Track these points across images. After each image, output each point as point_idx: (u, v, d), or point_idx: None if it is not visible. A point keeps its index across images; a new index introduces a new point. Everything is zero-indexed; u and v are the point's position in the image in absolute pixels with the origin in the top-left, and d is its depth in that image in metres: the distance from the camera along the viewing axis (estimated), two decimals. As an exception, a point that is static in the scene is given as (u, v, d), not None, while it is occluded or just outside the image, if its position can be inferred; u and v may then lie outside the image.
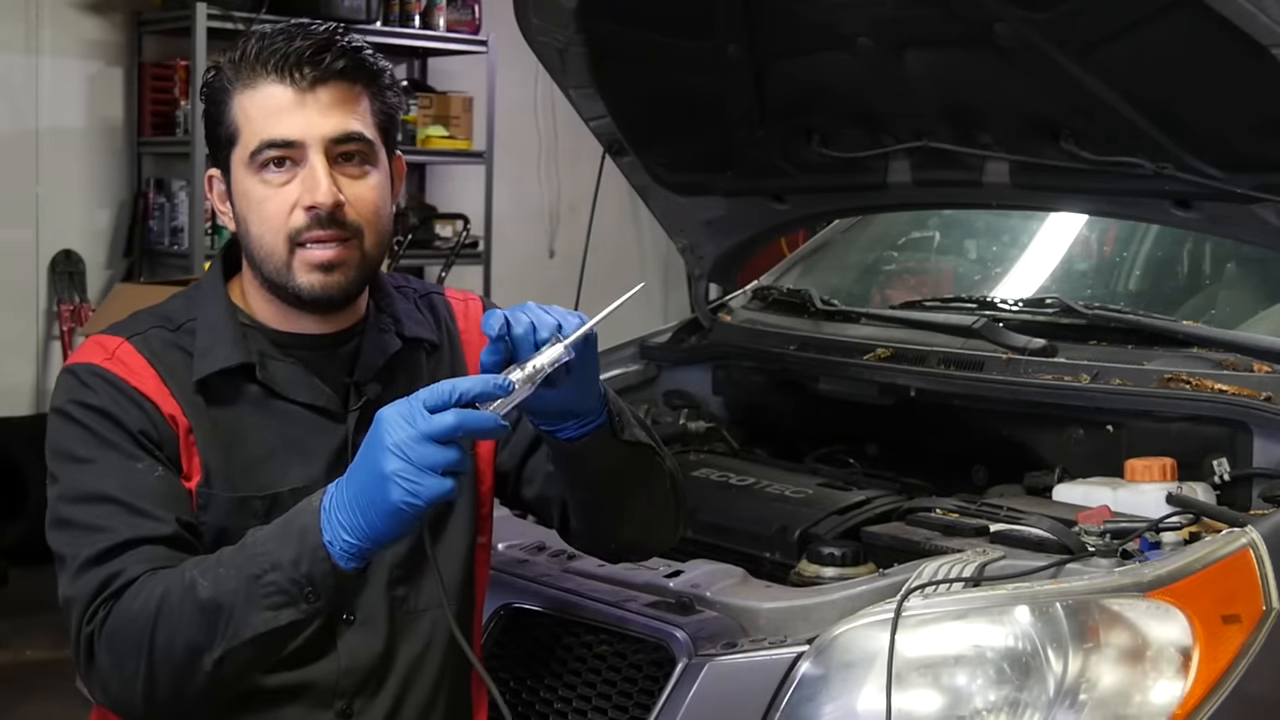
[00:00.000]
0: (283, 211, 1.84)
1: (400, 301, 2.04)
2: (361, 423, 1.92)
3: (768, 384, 3.11)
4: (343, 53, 1.84)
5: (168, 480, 1.82)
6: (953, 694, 1.95)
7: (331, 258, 1.85)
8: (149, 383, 1.85)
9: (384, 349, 1.97)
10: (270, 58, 1.82)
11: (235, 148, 1.86)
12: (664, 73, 2.89)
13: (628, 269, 7.72)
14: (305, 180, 1.83)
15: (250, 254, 1.89)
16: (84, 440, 1.82)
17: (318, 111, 1.83)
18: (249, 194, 1.86)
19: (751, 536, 2.51)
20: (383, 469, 1.63)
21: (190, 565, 1.73)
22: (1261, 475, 2.39)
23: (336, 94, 1.84)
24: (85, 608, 1.75)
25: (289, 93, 1.82)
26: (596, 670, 2.19)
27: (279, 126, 1.82)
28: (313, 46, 1.82)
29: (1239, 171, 2.40)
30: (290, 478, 1.89)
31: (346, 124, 1.84)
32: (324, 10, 6.17)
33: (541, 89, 6.97)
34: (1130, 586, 1.98)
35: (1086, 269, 3.44)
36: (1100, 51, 2.36)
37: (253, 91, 1.84)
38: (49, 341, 6.20)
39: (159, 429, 1.84)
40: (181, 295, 2.01)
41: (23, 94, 6.11)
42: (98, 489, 1.80)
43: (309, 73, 1.82)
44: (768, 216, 3.18)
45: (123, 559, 1.75)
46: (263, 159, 1.83)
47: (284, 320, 1.93)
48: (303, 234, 1.84)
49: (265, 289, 1.91)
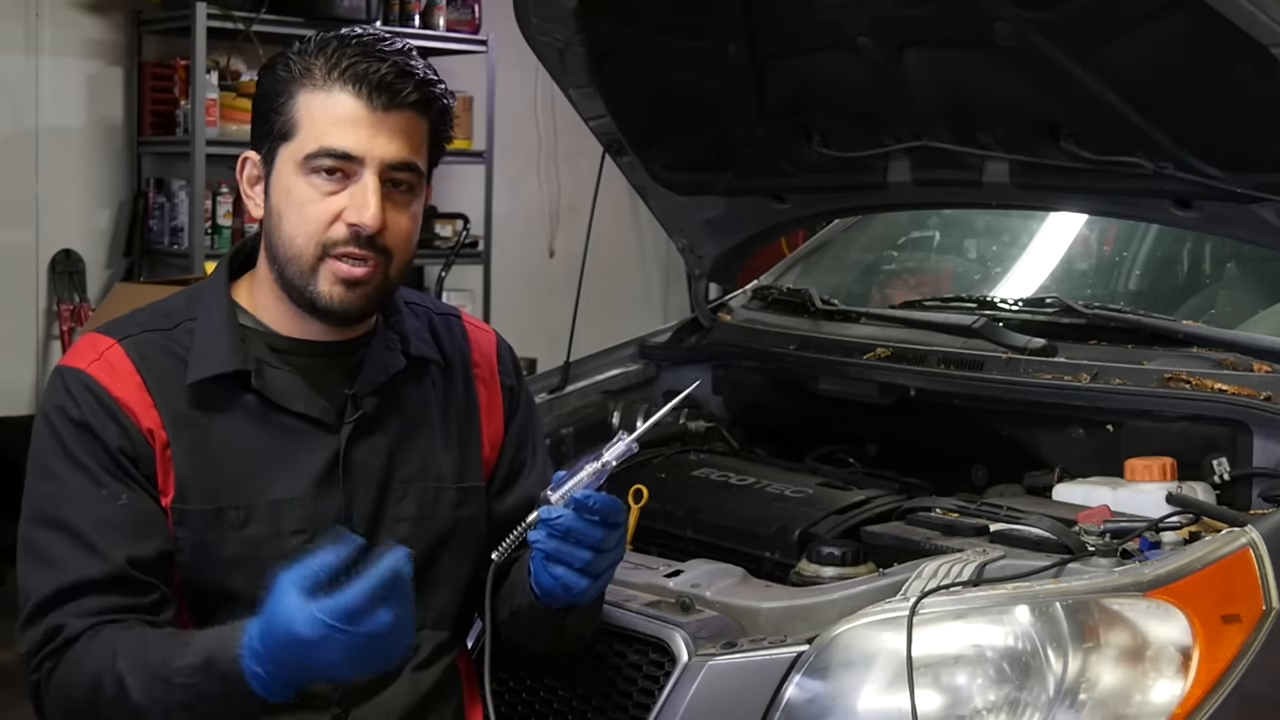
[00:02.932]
0: (323, 219, 1.84)
1: (410, 319, 2.03)
2: (355, 436, 1.92)
3: (768, 383, 3.11)
4: (419, 85, 1.86)
5: (131, 508, 1.83)
6: (952, 693, 1.95)
7: (359, 275, 1.86)
8: (132, 392, 1.85)
9: (387, 366, 1.97)
10: (349, 70, 1.83)
11: (288, 143, 1.86)
12: (664, 72, 2.89)
13: (628, 269, 7.71)
14: (355, 197, 1.84)
15: (274, 249, 1.89)
16: (57, 454, 1.84)
17: (383, 134, 1.84)
18: (292, 191, 1.86)
19: (751, 536, 2.51)
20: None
21: (121, 651, 1.74)
22: (1261, 475, 2.39)
23: (403, 122, 1.85)
24: (33, 656, 1.80)
25: (361, 108, 1.83)
26: (596, 670, 2.19)
27: (343, 138, 1.83)
28: (394, 72, 1.83)
29: (1239, 171, 2.40)
30: (274, 489, 1.89)
31: (405, 153, 1.86)
32: (323, 10, 6.16)
33: (541, 89, 6.96)
34: (1130, 586, 1.98)
35: (1086, 269, 3.44)
36: (1100, 51, 2.36)
37: (324, 95, 1.84)
38: (49, 341, 6.20)
39: (135, 446, 1.84)
40: (183, 293, 2.00)
41: (22, 94, 6.10)
42: (58, 514, 1.82)
43: (384, 97, 1.83)
44: (768, 216, 3.18)
45: (65, 610, 1.79)
46: (317, 164, 1.84)
47: (289, 324, 1.93)
48: (338, 247, 1.85)
49: (278, 287, 1.91)
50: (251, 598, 1.84)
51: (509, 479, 2.11)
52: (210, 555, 1.85)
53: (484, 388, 2.10)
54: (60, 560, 1.80)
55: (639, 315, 7.03)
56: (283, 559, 1.86)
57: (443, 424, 2.03)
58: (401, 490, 1.96)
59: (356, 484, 1.92)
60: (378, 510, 1.94)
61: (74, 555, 1.80)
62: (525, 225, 7.53)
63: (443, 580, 1.99)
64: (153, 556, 1.83)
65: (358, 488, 1.92)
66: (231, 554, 1.86)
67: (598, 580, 1.86)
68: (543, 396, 3.09)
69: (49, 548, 1.82)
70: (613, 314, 5.74)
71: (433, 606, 1.98)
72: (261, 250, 1.94)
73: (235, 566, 1.86)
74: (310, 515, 1.89)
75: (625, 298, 7.37)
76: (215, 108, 6.13)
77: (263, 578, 1.85)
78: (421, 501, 1.97)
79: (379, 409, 1.95)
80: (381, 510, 1.94)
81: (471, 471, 2.04)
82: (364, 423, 1.93)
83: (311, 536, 1.88)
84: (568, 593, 1.85)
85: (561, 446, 3.03)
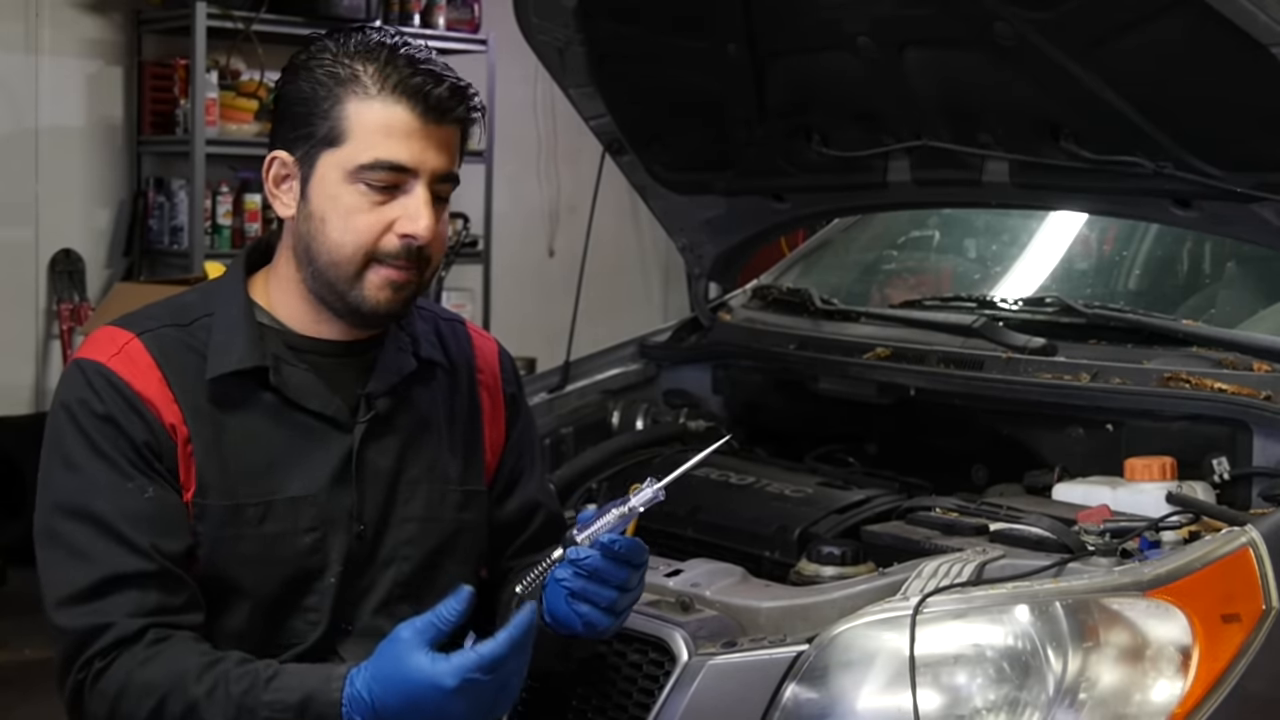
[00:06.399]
0: (375, 229, 1.86)
1: (418, 322, 2.06)
2: (367, 436, 1.93)
3: (767, 383, 3.11)
4: (467, 102, 1.91)
5: (157, 502, 1.83)
6: (952, 693, 1.95)
7: (405, 279, 1.89)
8: (153, 386, 1.86)
9: (400, 367, 1.99)
10: (403, 84, 1.85)
11: (335, 149, 1.86)
12: (664, 72, 2.89)
13: (628, 268, 7.71)
14: (408, 208, 1.86)
15: (314, 254, 1.89)
16: (81, 446, 1.84)
17: (434, 147, 1.87)
18: (339, 199, 1.87)
19: (751, 535, 2.51)
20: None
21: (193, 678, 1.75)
22: (1261, 474, 2.39)
23: (449, 135, 1.90)
24: (76, 651, 1.79)
25: (415, 121, 1.86)
26: (596, 669, 2.19)
27: (399, 151, 1.85)
28: (448, 90, 1.87)
29: (1239, 170, 2.40)
30: (290, 486, 1.90)
31: (451, 165, 1.91)
32: (323, 9, 6.16)
33: (541, 88, 6.96)
34: (1130, 586, 1.98)
35: (1086, 268, 3.44)
36: (1100, 51, 2.36)
37: (379, 107, 1.85)
38: (49, 341, 6.20)
39: (159, 440, 1.85)
40: (197, 289, 2.02)
41: (22, 93, 6.10)
42: (85, 504, 1.82)
43: (437, 114, 1.87)
44: (767, 216, 3.18)
45: (108, 606, 1.78)
46: (372, 177, 1.85)
47: (308, 323, 1.94)
48: (388, 257, 1.87)
49: (306, 288, 1.92)
50: (257, 594, 1.87)
51: (509, 486, 2.13)
52: (227, 551, 1.86)
53: (487, 394, 2.11)
54: (92, 553, 1.80)
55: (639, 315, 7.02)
56: (296, 556, 1.88)
57: (448, 427, 2.04)
58: (409, 490, 1.97)
59: (367, 483, 1.94)
60: (386, 510, 1.96)
61: (107, 548, 1.79)
62: (525, 225, 7.53)
63: (445, 582, 1.99)
64: (180, 551, 1.83)
65: (368, 487, 1.94)
66: (247, 550, 1.87)
67: (619, 618, 1.90)
68: (543, 396, 3.09)
69: (78, 540, 1.81)
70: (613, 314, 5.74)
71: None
72: (284, 249, 1.95)
73: (249, 563, 1.87)
74: (323, 513, 1.90)
75: (625, 298, 7.37)
76: (215, 107, 6.14)
77: (271, 574, 1.87)
78: (428, 502, 1.99)
79: (390, 409, 1.96)
80: (390, 510, 1.96)
81: (475, 476, 2.06)
82: (376, 422, 1.95)
83: (324, 534, 1.90)
84: (590, 630, 1.89)
85: (561, 446, 3.03)
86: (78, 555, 1.80)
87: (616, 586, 1.86)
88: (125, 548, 1.79)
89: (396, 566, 1.95)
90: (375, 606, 1.94)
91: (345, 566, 1.91)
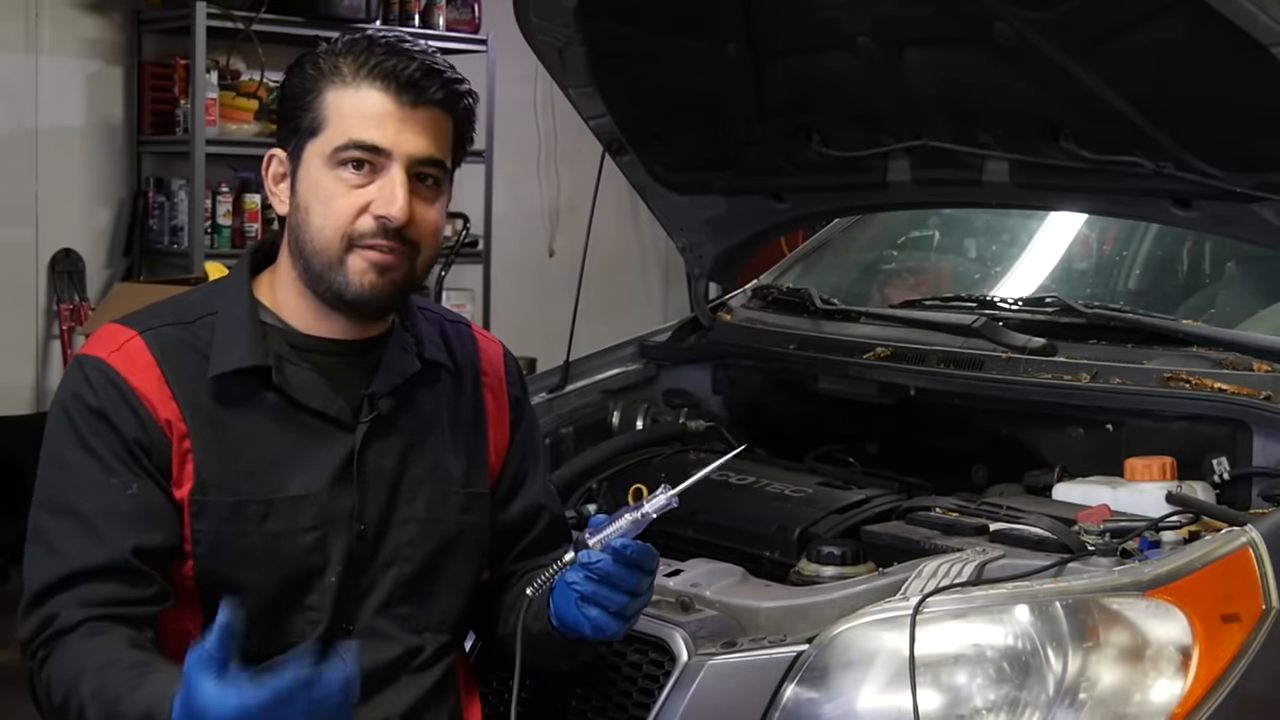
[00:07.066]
0: (350, 211, 1.87)
1: (423, 324, 2.06)
2: (369, 436, 1.93)
3: (767, 383, 3.11)
4: (444, 84, 1.90)
5: (140, 498, 1.84)
6: (952, 693, 1.95)
7: (388, 261, 1.88)
8: (150, 383, 1.86)
9: (404, 368, 1.99)
10: (376, 67, 1.87)
11: (316, 139, 1.88)
12: (663, 72, 2.89)
13: (628, 268, 7.71)
14: (383, 189, 1.87)
15: (301, 243, 1.90)
16: (70, 443, 1.85)
17: (410, 130, 1.87)
18: (320, 185, 1.88)
19: (751, 535, 2.51)
20: None
21: (88, 676, 1.72)
22: (1261, 474, 2.39)
23: (429, 119, 1.89)
24: (28, 644, 1.82)
25: (388, 104, 1.87)
26: (595, 669, 2.19)
27: (371, 131, 1.86)
28: (420, 70, 1.88)
29: (1239, 170, 2.39)
30: (291, 485, 1.90)
31: (431, 149, 1.90)
32: (323, 9, 6.16)
33: (541, 88, 6.96)
34: (1130, 585, 1.98)
35: (1086, 268, 3.45)
36: (1100, 51, 2.36)
37: (352, 92, 1.87)
38: (48, 340, 6.20)
39: (151, 436, 1.85)
40: (202, 289, 2.03)
41: (22, 93, 6.10)
42: (68, 501, 1.84)
43: (411, 94, 1.87)
44: (767, 215, 3.18)
45: (64, 598, 1.79)
46: (345, 157, 1.87)
47: (311, 321, 1.94)
48: (365, 239, 1.87)
49: (302, 283, 1.92)
50: (258, 591, 1.87)
51: (513, 488, 2.13)
52: (228, 548, 1.87)
53: (492, 397, 2.12)
54: (65, 548, 1.81)
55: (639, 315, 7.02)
56: (296, 554, 1.88)
57: (452, 429, 2.04)
58: (411, 491, 1.98)
59: (369, 483, 1.94)
60: (388, 510, 1.96)
61: (79, 543, 1.81)
62: (525, 225, 7.53)
63: (447, 584, 2.01)
64: (157, 548, 1.83)
65: (370, 487, 1.94)
66: (248, 548, 1.88)
67: (628, 622, 1.91)
68: (543, 396, 3.09)
69: (55, 535, 1.83)
70: (613, 314, 5.74)
71: (436, 610, 2.00)
72: (285, 246, 1.96)
73: (249, 560, 1.87)
74: (324, 512, 1.91)
75: (625, 297, 7.36)
76: (215, 107, 6.13)
77: (272, 572, 1.88)
78: (430, 503, 1.99)
79: (393, 410, 1.97)
80: (391, 510, 1.96)
81: (478, 478, 2.06)
82: (379, 423, 1.95)
83: (325, 533, 1.90)
84: (598, 634, 1.89)
85: (561, 446, 3.03)
86: (53, 551, 1.82)
87: (627, 591, 1.86)
88: (97, 543, 1.80)
89: (398, 567, 1.96)
90: (376, 607, 1.94)
91: (346, 566, 1.91)
